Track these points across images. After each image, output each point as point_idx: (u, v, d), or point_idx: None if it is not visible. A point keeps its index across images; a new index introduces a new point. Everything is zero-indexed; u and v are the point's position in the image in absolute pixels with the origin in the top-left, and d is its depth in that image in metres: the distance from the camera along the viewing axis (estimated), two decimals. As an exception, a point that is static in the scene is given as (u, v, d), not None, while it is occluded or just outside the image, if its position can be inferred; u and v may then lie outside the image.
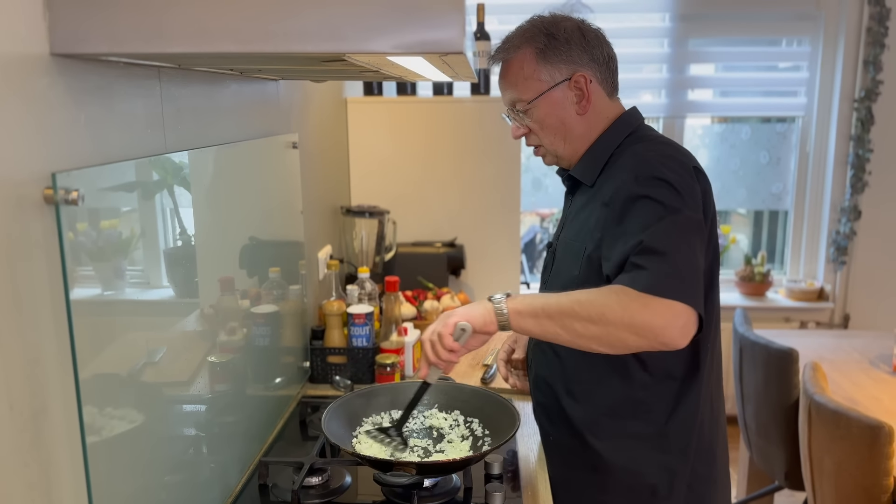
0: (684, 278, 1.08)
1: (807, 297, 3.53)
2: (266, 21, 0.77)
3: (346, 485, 1.34)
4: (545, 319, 1.12)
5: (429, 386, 1.27)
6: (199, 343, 1.21)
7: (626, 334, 1.06)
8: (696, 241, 1.12)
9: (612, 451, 1.28)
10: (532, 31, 1.27)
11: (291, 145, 1.72)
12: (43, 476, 0.80)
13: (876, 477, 1.81)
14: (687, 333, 1.07)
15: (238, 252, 1.37)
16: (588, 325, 1.08)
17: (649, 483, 1.27)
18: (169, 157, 1.08)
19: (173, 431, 1.12)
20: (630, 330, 1.06)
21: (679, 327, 1.05)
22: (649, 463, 1.27)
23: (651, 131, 1.31)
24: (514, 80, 1.28)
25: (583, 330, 1.09)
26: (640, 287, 1.06)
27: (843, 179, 3.46)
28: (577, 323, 1.09)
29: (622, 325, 1.06)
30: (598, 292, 1.10)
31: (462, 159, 2.51)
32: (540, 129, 1.29)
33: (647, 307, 1.05)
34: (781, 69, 3.56)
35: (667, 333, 1.05)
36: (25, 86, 0.77)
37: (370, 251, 2.36)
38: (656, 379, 1.25)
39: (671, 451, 1.27)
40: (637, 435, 1.27)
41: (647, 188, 1.13)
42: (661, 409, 1.26)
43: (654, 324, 1.05)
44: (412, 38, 0.77)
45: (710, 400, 1.30)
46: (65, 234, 0.80)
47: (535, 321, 1.13)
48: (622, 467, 1.28)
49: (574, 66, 1.25)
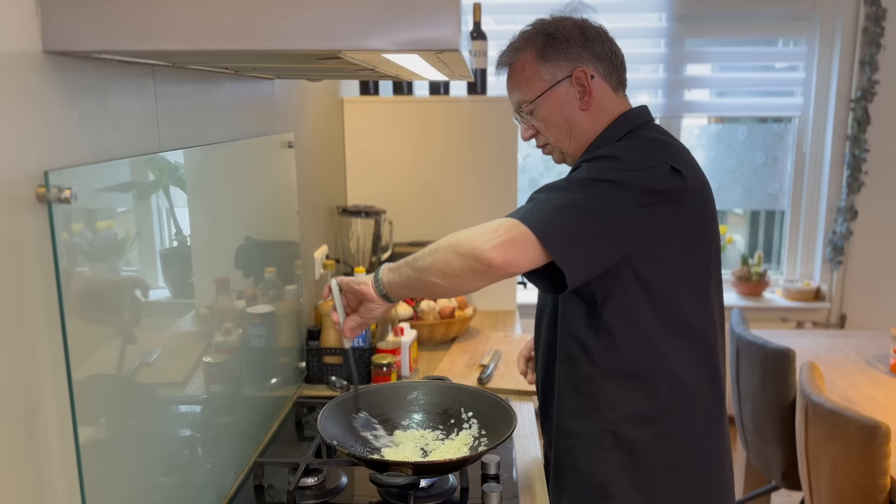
0: (534, 211, 1.10)
1: (803, 297, 3.54)
2: (260, 18, 0.76)
3: (342, 485, 1.33)
4: (405, 267, 1.19)
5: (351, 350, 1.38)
6: (194, 344, 1.20)
7: (451, 255, 1.11)
8: (596, 204, 1.11)
9: (606, 459, 1.24)
10: (532, 33, 1.28)
11: (287, 145, 1.71)
12: (35, 477, 0.80)
13: (872, 476, 1.81)
14: (504, 251, 1.07)
15: (234, 252, 1.36)
16: (426, 257, 1.15)
17: (598, 483, 1.24)
18: (164, 156, 1.08)
19: (168, 432, 1.11)
20: (453, 250, 1.11)
21: (495, 240, 1.07)
22: (596, 462, 1.24)
23: (655, 129, 1.29)
24: (517, 81, 1.30)
25: (423, 264, 1.15)
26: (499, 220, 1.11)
27: (840, 179, 3.47)
28: (420, 260, 1.15)
29: (449, 248, 1.11)
30: (456, 235, 1.14)
31: (458, 159, 2.50)
32: (546, 128, 1.30)
33: (475, 230, 1.10)
34: (778, 69, 3.57)
35: (478, 245, 1.07)
36: (18, 83, 0.76)
37: (366, 251, 2.35)
38: (603, 374, 1.22)
39: (620, 450, 1.23)
40: (581, 433, 1.26)
41: (594, 160, 1.17)
42: (658, 419, 1.22)
43: (471, 238, 1.09)
44: (408, 35, 0.77)
45: (707, 410, 1.26)
46: (57, 232, 0.80)
47: (398, 272, 1.20)
48: (619, 477, 1.24)
49: (574, 62, 1.26)
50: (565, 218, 1.10)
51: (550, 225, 1.08)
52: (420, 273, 1.16)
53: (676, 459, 1.24)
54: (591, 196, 1.12)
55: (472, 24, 2.42)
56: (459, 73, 1.36)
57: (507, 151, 2.50)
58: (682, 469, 1.25)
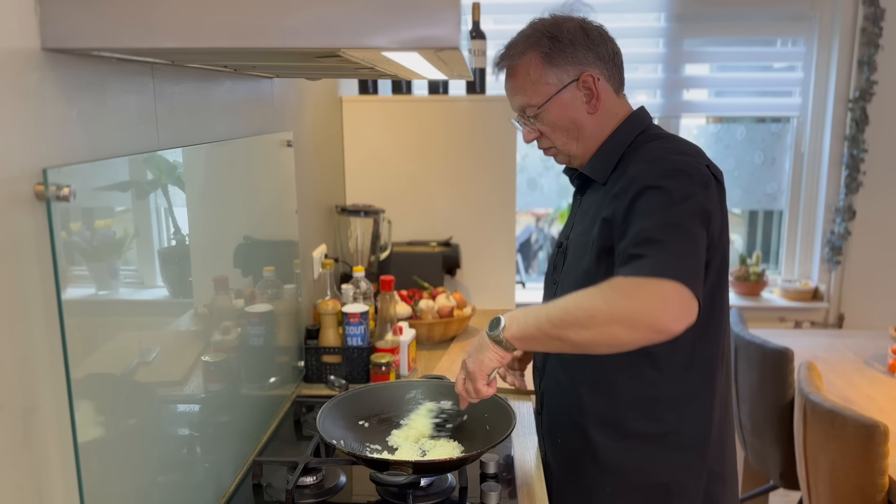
0: (680, 259, 1.04)
1: (802, 296, 3.54)
2: (260, 15, 0.76)
3: (340, 484, 1.33)
4: (542, 337, 1.11)
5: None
6: (193, 342, 1.20)
7: (618, 329, 1.02)
8: (698, 228, 1.09)
9: (625, 451, 1.28)
10: (535, 35, 1.26)
11: (286, 143, 1.71)
12: (33, 476, 0.79)
13: (871, 476, 1.81)
14: (682, 317, 1.00)
15: (232, 251, 1.36)
16: (581, 330, 1.05)
17: (663, 482, 1.27)
18: (163, 155, 1.07)
19: (167, 431, 1.11)
20: (620, 324, 1.01)
21: (671, 309, 1.00)
22: (664, 462, 1.27)
23: (662, 130, 1.32)
24: (521, 85, 1.27)
25: (577, 337, 1.06)
26: (632, 274, 1.03)
27: (838, 179, 3.47)
28: (571, 331, 1.06)
29: (612, 320, 1.02)
30: (584, 294, 1.07)
31: (457, 158, 2.50)
32: (552, 132, 1.29)
33: (633, 296, 1.01)
34: (776, 69, 3.57)
35: (657, 318, 1.00)
36: (16, 80, 0.76)
37: (365, 250, 2.35)
38: (667, 377, 1.24)
39: (685, 448, 1.27)
40: (650, 434, 1.27)
41: (658, 179, 1.13)
42: (673, 406, 1.26)
43: (642, 311, 1.00)
44: (408, 33, 0.77)
45: (721, 397, 1.30)
46: (56, 231, 0.79)
47: (536, 342, 1.13)
48: (636, 467, 1.28)
49: (580, 66, 1.25)
50: (692, 257, 1.06)
51: (692, 275, 1.03)
52: (576, 347, 1.09)
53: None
54: (693, 222, 1.10)
55: (470, 23, 2.42)
56: (459, 71, 1.36)
57: (506, 151, 2.50)
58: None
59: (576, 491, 1.34)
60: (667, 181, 1.12)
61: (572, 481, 1.35)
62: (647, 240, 1.06)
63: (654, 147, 1.24)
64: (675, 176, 1.13)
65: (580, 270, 1.27)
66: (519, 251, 3.86)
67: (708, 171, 1.18)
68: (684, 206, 1.09)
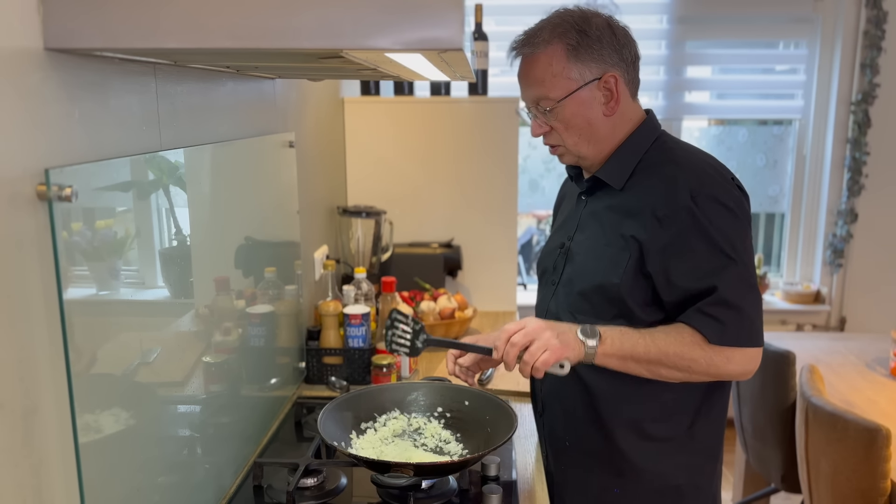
0: (755, 324, 1.18)
1: (803, 299, 3.54)
2: (262, 16, 0.76)
3: (341, 486, 1.33)
4: (632, 364, 1.19)
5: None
6: (193, 343, 1.19)
7: (707, 377, 1.20)
8: (754, 270, 1.22)
9: (645, 454, 1.28)
10: (563, 26, 1.20)
11: (288, 144, 1.71)
12: (34, 476, 0.79)
13: (873, 479, 1.80)
14: (756, 369, 1.20)
15: (234, 252, 1.36)
16: (674, 372, 1.18)
17: (676, 485, 1.28)
18: (165, 156, 1.07)
19: (167, 432, 1.11)
20: (711, 376, 1.20)
21: (753, 370, 1.20)
22: (681, 465, 1.28)
23: (672, 137, 1.33)
24: (540, 76, 1.22)
25: (668, 375, 1.19)
26: (720, 341, 1.16)
27: (840, 182, 3.47)
28: (664, 370, 1.18)
29: (705, 374, 1.19)
30: (679, 340, 1.17)
31: (459, 160, 2.50)
32: (564, 129, 1.25)
33: (730, 361, 1.17)
34: (778, 72, 3.57)
35: (742, 376, 1.20)
36: (19, 80, 0.76)
37: (367, 252, 2.35)
38: (683, 383, 1.24)
39: (701, 452, 1.28)
40: (671, 437, 1.27)
41: (710, 214, 1.17)
42: (694, 411, 1.27)
43: (735, 372, 1.19)
44: (411, 34, 0.77)
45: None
46: (58, 231, 0.79)
47: (621, 362, 1.19)
48: (653, 470, 1.28)
49: (605, 65, 1.21)
50: (761, 311, 1.21)
51: (760, 330, 1.20)
52: (657, 377, 1.21)
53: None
54: (753, 268, 1.21)
55: (473, 24, 2.42)
56: (462, 73, 1.35)
57: (508, 152, 2.50)
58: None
59: (580, 493, 1.34)
60: (720, 220, 1.17)
61: (577, 484, 1.34)
62: (726, 304, 1.16)
63: (680, 161, 1.25)
64: (724, 213, 1.19)
65: (604, 281, 1.23)
66: (520, 253, 3.86)
67: (738, 191, 1.24)
68: (746, 255, 1.19)
